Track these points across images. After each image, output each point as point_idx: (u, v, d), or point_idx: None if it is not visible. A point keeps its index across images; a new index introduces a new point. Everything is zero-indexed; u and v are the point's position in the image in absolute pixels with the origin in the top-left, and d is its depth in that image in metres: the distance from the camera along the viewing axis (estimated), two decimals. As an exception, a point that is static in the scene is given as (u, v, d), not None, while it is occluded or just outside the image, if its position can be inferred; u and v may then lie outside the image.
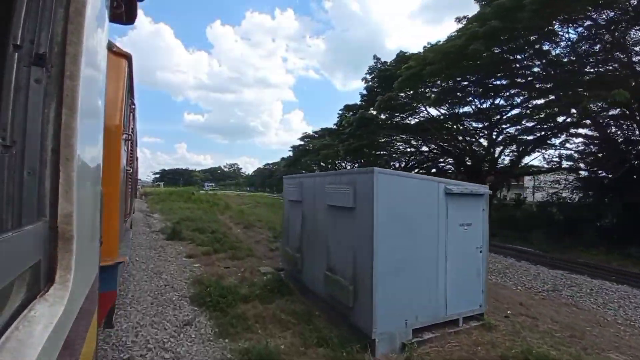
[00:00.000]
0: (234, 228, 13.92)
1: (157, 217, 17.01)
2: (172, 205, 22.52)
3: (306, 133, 58.06)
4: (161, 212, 19.27)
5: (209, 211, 19.54)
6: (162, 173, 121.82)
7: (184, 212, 17.58)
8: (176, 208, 20.59)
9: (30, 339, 0.59)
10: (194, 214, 17.07)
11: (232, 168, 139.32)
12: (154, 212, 19.54)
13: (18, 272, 0.63)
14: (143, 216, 17.09)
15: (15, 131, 0.69)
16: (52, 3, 0.78)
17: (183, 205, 23.16)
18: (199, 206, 22.49)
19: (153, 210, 20.84)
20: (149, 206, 23.74)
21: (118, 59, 3.05)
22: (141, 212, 18.82)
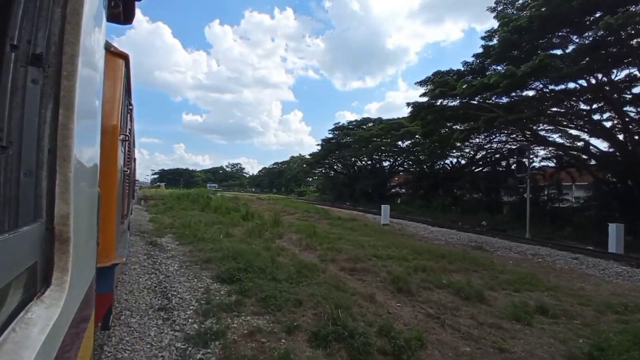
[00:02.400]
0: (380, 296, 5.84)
1: (171, 249, 8.84)
2: (185, 217, 14.80)
3: (339, 123, 52.68)
4: (175, 233, 11.03)
5: (255, 234, 11.13)
6: (161, 173, 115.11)
7: (218, 239, 9.83)
8: (196, 225, 12.57)
9: (26, 341, 0.59)
10: (236, 241, 9.37)
11: (234, 168, 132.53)
12: (162, 233, 11.20)
13: (14, 273, 0.63)
14: (143, 247, 9.05)
15: (12, 132, 0.69)
16: (49, 3, 0.78)
17: (202, 216, 15.78)
18: (227, 219, 14.99)
19: (159, 227, 12.47)
20: (151, 218, 15.57)
21: (115, 59, 3.03)
22: (140, 233, 11.02)
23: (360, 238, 11.57)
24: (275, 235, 11.29)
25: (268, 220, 14.10)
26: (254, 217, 15.94)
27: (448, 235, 14.44)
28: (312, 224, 14.30)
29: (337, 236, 11.68)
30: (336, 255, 8.62)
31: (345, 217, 18.45)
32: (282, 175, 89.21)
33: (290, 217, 18.35)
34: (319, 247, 9.50)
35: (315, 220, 17.39)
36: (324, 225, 15.46)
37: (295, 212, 20.74)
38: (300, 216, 19.02)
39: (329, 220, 17.54)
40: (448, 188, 32.26)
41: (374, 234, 13.27)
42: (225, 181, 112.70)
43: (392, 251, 9.32)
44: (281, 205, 26.33)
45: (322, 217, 18.58)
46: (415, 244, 11.40)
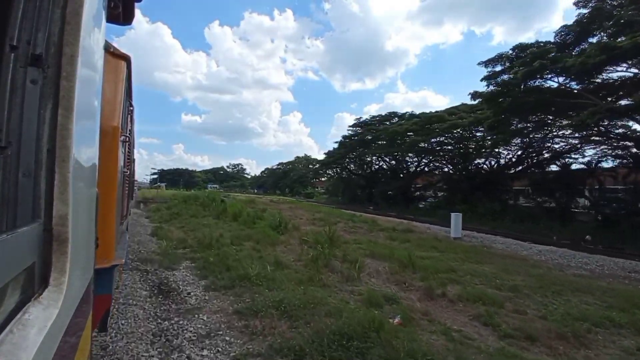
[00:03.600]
0: None
1: (197, 302, 5.19)
2: (200, 229, 11.98)
3: (360, 118, 48.15)
4: (195, 261, 7.74)
5: (319, 262, 7.59)
6: (160, 173, 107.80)
7: (269, 275, 6.39)
8: (220, 242, 9.57)
9: (24, 342, 0.59)
10: (299, 279, 6.39)
11: (235, 168, 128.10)
12: (173, 259, 7.74)
13: (12, 274, 0.63)
14: (146, 296, 5.44)
15: (11, 132, 0.69)
16: (49, 4, 0.78)
17: (220, 226, 13.02)
18: (256, 231, 11.50)
19: (168, 248, 8.93)
20: (155, 230, 11.96)
21: (117, 60, 3.04)
22: (140, 262, 7.51)
23: (464, 265, 8.55)
24: (352, 265, 7.47)
25: (312, 234, 11.09)
26: (287, 227, 12.68)
27: (568, 258, 10.82)
28: (384, 243, 11.26)
29: (431, 262, 8.38)
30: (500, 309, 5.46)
31: (398, 228, 15.08)
32: (287, 176, 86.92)
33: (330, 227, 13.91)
34: (439, 287, 6.38)
35: (367, 232, 14.20)
36: (384, 239, 12.55)
37: (335, 221, 16.16)
38: (345, 226, 15.30)
39: (384, 232, 14.26)
40: (492, 191, 28.64)
41: (463, 253, 10.28)
42: (226, 182, 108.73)
43: (521, 281, 7.12)
44: (306, 211, 21.82)
45: (372, 228, 15.09)
46: (544, 273, 8.33)
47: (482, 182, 30.17)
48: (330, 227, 11.06)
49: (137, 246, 9.42)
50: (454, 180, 34.38)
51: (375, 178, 46.74)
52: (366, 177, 49.32)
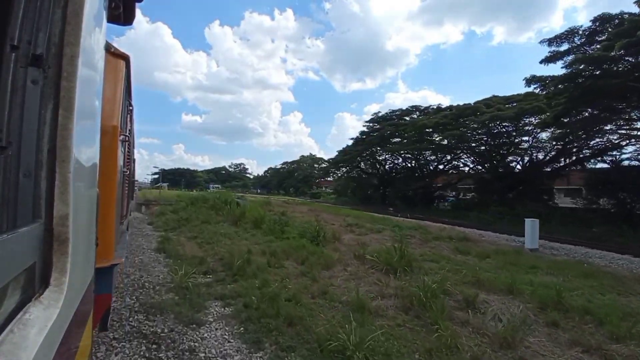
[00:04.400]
0: None
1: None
2: (219, 240, 10.20)
3: (377, 113, 45.00)
4: (229, 300, 5.46)
5: (424, 308, 5.11)
6: (161, 173, 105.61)
7: None
8: (252, 263, 7.48)
9: (25, 342, 0.59)
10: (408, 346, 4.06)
11: (237, 168, 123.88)
12: (196, 301, 5.30)
13: (13, 274, 0.63)
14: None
15: (12, 132, 0.69)
16: (49, 4, 0.78)
17: (241, 236, 11.08)
18: (292, 245, 9.42)
19: (184, 276, 6.22)
20: (161, 242, 10.01)
21: (116, 60, 3.04)
22: (143, 307, 4.95)
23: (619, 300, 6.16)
24: (472, 308, 5.33)
25: (360, 246, 9.56)
26: (325, 238, 10.70)
27: None
28: (460, 259, 9.25)
29: (577, 299, 5.88)
30: None
31: (454, 236, 12.99)
32: (291, 176, 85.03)
33: (375, 236, 12.19)
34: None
35: (422, 242, 11.68)
36: (452, 253, 10.39)
37: (377, 228, 13.86)
38: (393, 234, 12.47)
39: (441, 241, 11.91)
40: (530, 191, 26.12)
41: (583, 277, 7.71)
42: (228, 182, 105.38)
43: None
44: (331, 214, 19.03)
45: (425, 237, 12.53)
46: None
47: (516, 181, 27.79)
48: (401, 241, 8.54)
49: (139, 273, 6.80)
50: (485, 179, 31.36)
51: (390, 177, 44.61)
52: (379, 176, 47.12)
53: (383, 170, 47.24)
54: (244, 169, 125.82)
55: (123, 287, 5.91)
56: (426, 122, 33.75)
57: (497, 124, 28.34)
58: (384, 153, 44.16)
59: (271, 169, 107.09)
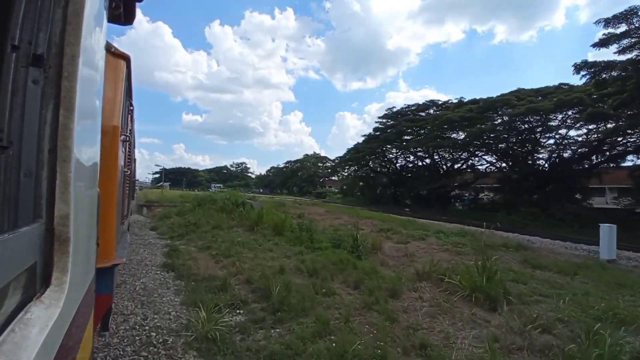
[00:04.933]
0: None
1: None
2: (239, 252, 8.60)
3: (393, 108, 43.37)
4: None
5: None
6: (162, 173, 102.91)
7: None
8: (304, 300, 5.28)
9: (26, 341, 0.59)
10: None
11: (239, 167, 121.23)
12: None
13: (14, 274, 0.63)
14: None
15: (12, 132, 0.69)
16: (50, 4, 0.78)
17: (263, 245, 9.57)
18: (330, 260, 7.79)
19: (206, 324, 4.22)
20: (167, 255, 8.60)
21: (117, 60, 3.04)
22: None
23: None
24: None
25: (421, 262, 7.97)
26: (365, 250, 9.23)
27: None
28: (540, 277, 7.58)
29: None
30: None
31: (508, 244, 11.33)
32: (295, 175, 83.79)
33: (419, 245, 10.67)
34: None
35: (475, 252, 9.38)
36: (520, 266, 8.73)
37: (416, 234, 12.07)
38: (440, 243, 10.99)
39: (497, 250, 9.81)
40: (564, 191, 24.15)
41: None
42: (230, 181, 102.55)
43: None
44: (354, 217, 16.82)
45: (474, 244, 10.43)
46: None
47: (543, 180, 25.98)
48: (486, 259, 6.59)
49: (142, 310, 5.02)
50: (511, 178, 29.15)
51: (401, 176, 43.11)
52: (390, 175, 45.46)
53: (394, 169, 45.73)
54: (245, 169, 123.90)
55: (118, 342, 3.97)
56: (451, 115, 31.13)
57: (528, 118, 26.23)
58: (397, 151, 42.59)
59: (274, 168, 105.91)
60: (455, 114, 31.33)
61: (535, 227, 19.74)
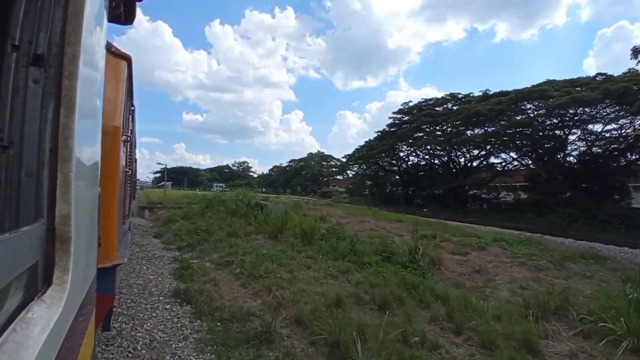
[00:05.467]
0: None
1: None
2: (266, 270, 6.54)
3: (410, 102, 40.69)
4: None
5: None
6: (164, 172, 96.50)
7: None
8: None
9: (27, 340, 0.59)
10: None
11: (241, 167, 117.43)
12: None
13: (15, 273, 0.63)
14: None
15: (13, 132, 0.69)
16: (50, 3, 0.78)
17: (293, 258, 7.74)
18: (386, 276, 6.73)
19: None
20: (180, 277, 6.51)
21: (118, 60, 3.05)
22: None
23: None
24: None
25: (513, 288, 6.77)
26: (424, 260, 8.13)
27: None
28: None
29: None
30: None
31: (584, 254, 9.74)
32: (299, 174, 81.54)
33: (486, 257, 9.06)
34: None
35: (555, 266, 8.48)
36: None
37: (476, 243, 10.25)
38: (506, 252, 9.57)
39: (580, 264, 8.71)
40: (600, 190, 22.63)
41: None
42: (232, 180, 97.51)
43: None
44: (378, 219, 15.40)
45: (553, 256, 9.14)
46: None
47: (576, 178, 24.18)
48: None
49: None
50: (540, 176, 26.95)
51: (413, 175, 41.49)
52: (401, 173, 43.80)
53: (405, 167, 43.67)
54: (247, 168, 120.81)
55: None
56: (480, 108, 28.75)
57: (574, 111, 24.16)
58: (408, 148, 40.60)
59: (276, 167, 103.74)
60: (483, 106, 28.81)
61: (575, 229, 18.41)
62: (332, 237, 10.04)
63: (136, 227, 12.14)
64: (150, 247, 9.30)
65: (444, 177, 35.53)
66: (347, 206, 25.80)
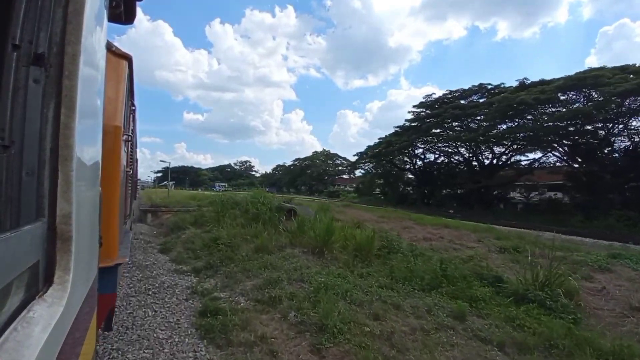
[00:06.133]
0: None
1: None
2: (341, 317, 4.41)
3: (430, 95, 38.94)
4: None
5: None
6: (168, 170, 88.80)
7: None
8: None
9: (28, 340, 0.59)
10: None
11: (243, 166, 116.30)
12: None
13: (16, 272, 0.63)
14: None
15: (14, 131, 0.69)
16: (50, 3, 0.78)
17: (361, 289, 5.71)
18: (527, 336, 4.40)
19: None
20: (215, 346, 3.85)
21: (118, 60, 3.05)
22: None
23: None
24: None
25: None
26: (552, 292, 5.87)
27: None
28: None
29: None
30: None
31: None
32: (304, 174, 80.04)
33: (621, 284, 6.77)
34: None
35: None
36: None
37: (597, 266, 7.84)
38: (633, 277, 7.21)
39: None
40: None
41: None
42: (234, 180, 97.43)
43: None
44: (418, 223, 13.61)
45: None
46: None
47: (623, 177, 22.36)
48: None
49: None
50: (582, 174, 24.78)
51: (429, 173, 39.37)
52: (417, 172, 41.89)
53: (421, 166, 41.69)
54: (249, 167, 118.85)
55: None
56: (525, 97, 26.27)
57: None
58: (425, 145, 38.74)
59: (280, 166, 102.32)
60: (527, 95, 26.30)
61: (636, 233, 16.19)
62: (393, 252, 7.97)
63: (137, 237, 10.00)
64: (155, 269, 7.05)
65: (467, 176, 33.23)
66: (368, 207, 22.96)
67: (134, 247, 8.51)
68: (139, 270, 6.95)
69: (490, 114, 29.73)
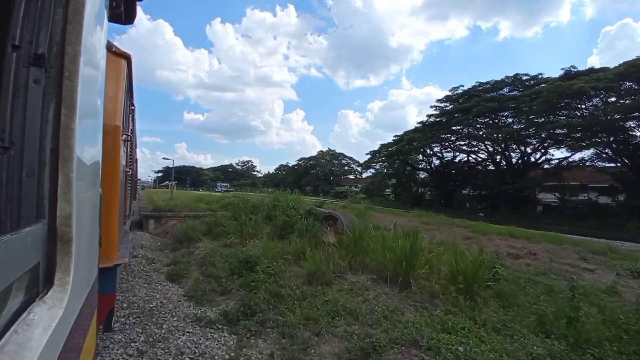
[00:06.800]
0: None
1: None
2: None
3: (457, 88, 36.04)
4: None
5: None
6: (166, 171, 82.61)
7: None
8: None
9: (29, 342, 0.59)
10: None
11: (245, 166, 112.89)
12: None
13: (17, 274, 0.63)
14: None
15: (14, 132, 0.69)
16: (51, 3, 0.78)
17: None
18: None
19: None
20: None
21: (117, 59, 3.04)
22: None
23: None
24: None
25: None
26: None
27: None
28: None
29: None
30: None
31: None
32: (309, 174, 77.90)
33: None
34: None
35: None
36: None
37: None
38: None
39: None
40: None
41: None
42: (236, 180, 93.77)
43: None
44: (471, 230, 11.59)
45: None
46: None
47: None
48: None
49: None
50: (636, 175, 22.18)
51: (447, 173, 37.27)
52: (433, 172, 39.65)
53: (438, 165, 39.45)
54: (251, 167, 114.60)
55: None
56: (583, 85, 23.18)
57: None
58: (442, 144, 36.25)
59: (283, 166, 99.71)
60: (585, 84, 23.11)
61: None
62: (497, 280, 5.77)
63: (136, 254, 7.78)
64: (166, 318, 4.48)
65: (495, 175, 30.82)
66: (393, 210, 20.07)
67: (132, 272, 6.48)
68: (139, 322, 4.24)
69: (538, 106, 25.92)
